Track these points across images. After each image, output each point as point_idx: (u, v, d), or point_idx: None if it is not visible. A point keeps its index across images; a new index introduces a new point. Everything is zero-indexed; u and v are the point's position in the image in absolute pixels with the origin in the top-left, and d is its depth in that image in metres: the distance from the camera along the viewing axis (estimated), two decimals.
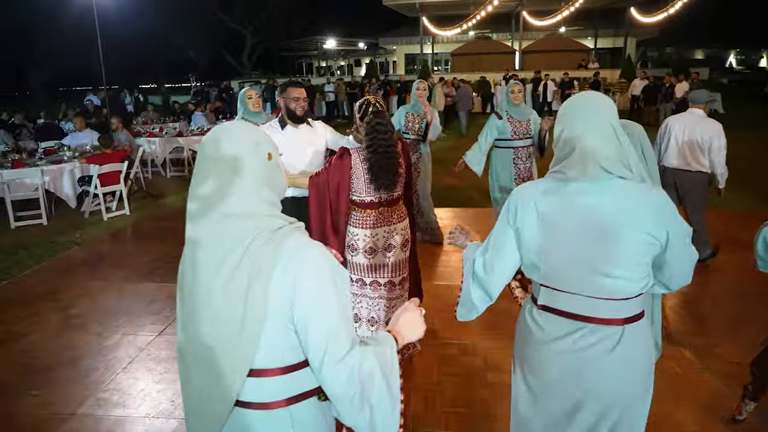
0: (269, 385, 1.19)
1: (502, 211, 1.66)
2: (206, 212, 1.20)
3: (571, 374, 1.58)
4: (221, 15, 32.16)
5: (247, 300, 1.13)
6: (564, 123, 1.55)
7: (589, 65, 24.64)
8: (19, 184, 6.85)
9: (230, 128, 1.27)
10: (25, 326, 4.05)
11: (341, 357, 1.14)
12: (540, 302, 1.63)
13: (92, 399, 3.10)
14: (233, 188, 1.20)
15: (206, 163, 1.23)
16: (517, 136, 4.92)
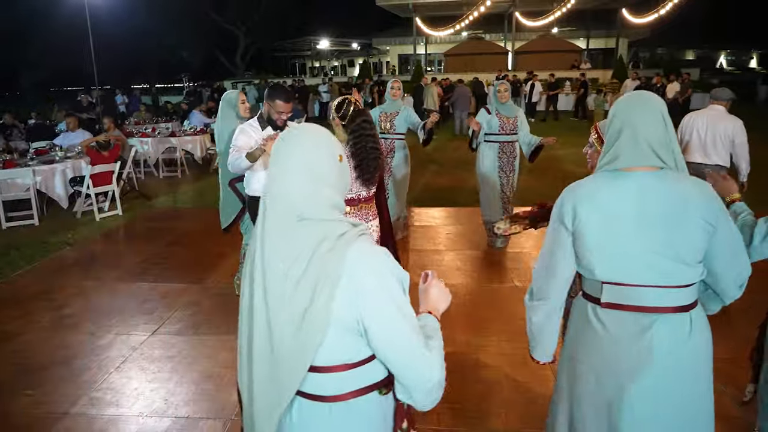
0: (332, 381, 1.24)
1: (553, 215, 1.68)
2: (281, 213, 1.23)
3: (651, 366, 1.55)
4: (214, 15, 32.05)
5: (310, 309, 1.17)
6: (612, 115, 1.62)
7: (581, 66, 24.78)
8: (11, 184, 6.80)
9: (305, 131, 1.29)
10: (18, 326, 4.04)
11: (419, 359, 1.19)
12: (604, 300, 1.60)
13: (85, 398, 3.10)
14: (309, 191, 1.23)
15: (282, 165, 1.25)
16: (504, 131, 5.20)
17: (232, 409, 2.94)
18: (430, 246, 5.52)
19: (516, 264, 5.01)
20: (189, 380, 3.24)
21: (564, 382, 1.77)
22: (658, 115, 1.55)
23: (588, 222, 1.58)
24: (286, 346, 1.20)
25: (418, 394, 1.23)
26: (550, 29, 29.75)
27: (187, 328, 3.92)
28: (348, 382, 1.24)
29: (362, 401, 1.26)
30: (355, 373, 1.24)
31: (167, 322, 4.03)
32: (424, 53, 30.58)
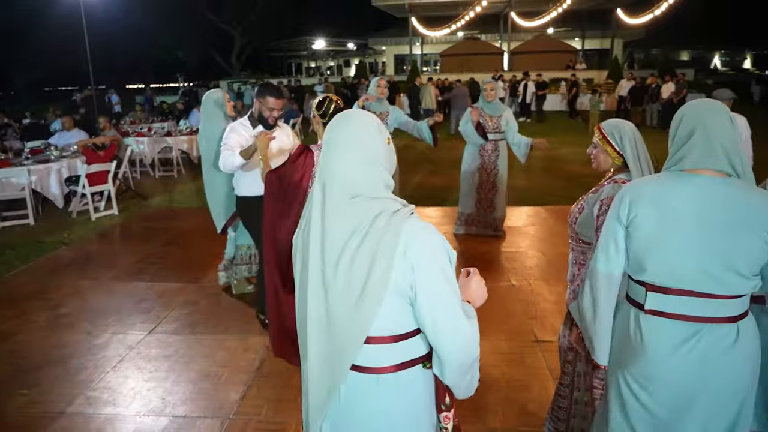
0: (381, 352, 1.31)
1: (611, 208, 1.68)
2: (336, 193, 1.30)
3: (690, 377, 1.55)
4: (210, 15, 31.98)
5: (369, 278, 1.24)
6: (679, 118, 1.63)
7: (576, 66, 24.86)
8: (5, 183, 6.77)
9: (355, 115, 1.38)
10: (13, 325, 4.02)
11: (460, 329, 1.27)
12: (648, 307, 1.59)
13: (82, 397, 3.08)
14: (363, 171, 1.31)
15: (336, 148, 1.33)
16: (487, 129, 5.33)
17: (230, 408, 2.94)
18: None
19: (512, 263, 5.02)
20: (186, 379, 3.24)
21: (613, 387, 1.74)
22: (729, 120, 1.55)
23: (644, 219, 1.57)
24: (345, 318, 1.27)
25: (452, 371, 1.30)
26: (546, 30, 29.85)
27: (184, 328, 3.91)
28: (395, 354, 1.31)
29: (408, 373, 1.33)
30: (402, 345, 1.31)
31: (164, 322, 4.01)
32: (420, 53, 30.62)
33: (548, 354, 3.39)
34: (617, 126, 2.15)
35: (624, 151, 2.09)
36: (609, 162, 2.17)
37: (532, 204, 6.98)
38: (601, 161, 2.20)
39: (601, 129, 2.18)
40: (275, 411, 2.90)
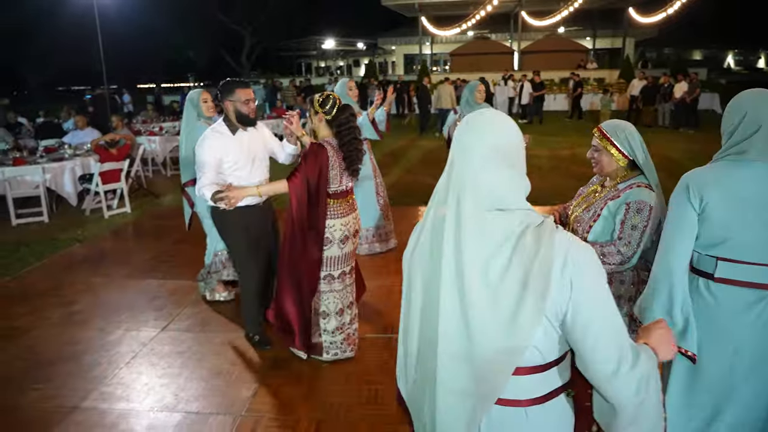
0: (530, 383, 1.16)
1: (677, 196, 1.82)
2: (474, 204, 1.14)
3: (756, 340, 1.76)
4: (221, 15, 32.14)
5: (523, 301, 1.08)
6: (743, 110, 1.75)
7: (587, 66, 24.70)
8: (20, 181, 6.85)
9: (493, 115, 1.21)
10: (28, 322, 4.06)
11: (633, 365, 1.10)
12: (718, 275, 1.79)
13: (96, 393, 3.11)
14: (508, 179, 1.16)
15: (473, 154, 1.16)
16: None
17: (242, 405, 2.95)
18: None
19: None
20: (198, 376, 3.25)
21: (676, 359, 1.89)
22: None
23: (716, 205, 1.74)
24: (491, 346, 1.11)
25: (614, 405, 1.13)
26: (557, 29, 29.68)
27: (196, 325, 3.93)
28: (543, 384, 1.17)
29: (555, 403, 1.20)
30: (549, 375, 1.17)
31: (176, 319, 4.04)
32: (430, 53, 30.57)
33: None
34: (620, 127, 2.11)
35: (634, 152, 2.07)
36: (613, 164, 2.12)
37: (543, 204, 6.95)
38: (604, 164, 2.14)
39: (602, 131, 2.14)
40: (286, 408, 2.91)
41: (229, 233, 3.40)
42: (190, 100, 4.11)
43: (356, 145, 3.02)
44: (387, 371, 3.21)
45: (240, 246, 3.40)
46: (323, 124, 3.02)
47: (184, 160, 4.09)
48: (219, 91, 3.29)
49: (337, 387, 3.07)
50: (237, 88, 3.24)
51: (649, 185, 2.07)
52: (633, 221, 2.02)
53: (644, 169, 2.08)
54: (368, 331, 3.71)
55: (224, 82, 3.31)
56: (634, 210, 2.02)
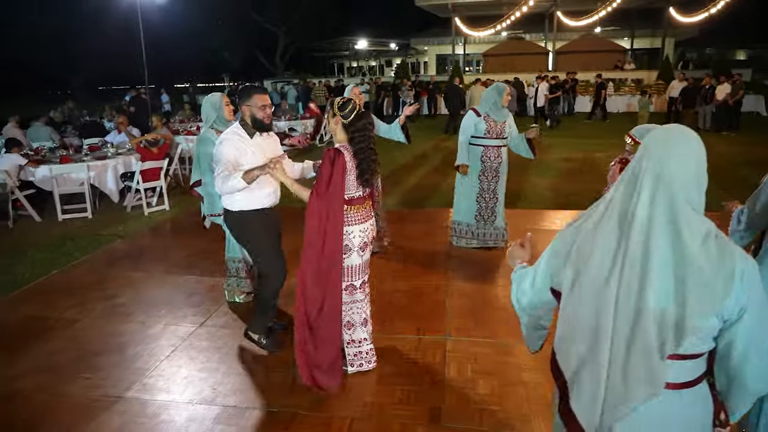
0: (687, 368, 1.34)
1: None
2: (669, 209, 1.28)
3: None
4: (256, 16, 32.70)
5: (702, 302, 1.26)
6: None
7: (624, 66, 24.17)
8: (66, 178, 7.15)
9: (688, 130, 1.36)
10: (74, 314, 4.24)
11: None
12: None
13: (138, 384, 3.24)
14: (698, 189, 1.31)
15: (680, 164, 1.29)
16: (490, 135, 5.07)
17: (278, 400, 3.02)
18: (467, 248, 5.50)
19: None
20: (236, 371, 3.35)
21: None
22: None
23: None
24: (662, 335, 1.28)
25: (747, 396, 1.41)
26: (593, 29, 29.12)
27: (233, 321, 4.04)
28: (694, 369, 1.35)
29: (702, 387, 1.39)
30: (699, 362, 1.36)
31: (214, 315, 4.16)
32: (463, 53, 30.39)
33: None
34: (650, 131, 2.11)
35: None
36: None
37: (579, 207, 6.86)
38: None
39: (633, 137, 2.13)
40: (320, 405, 2.97)
41: (251, 235, 3.42)
42: (212, 103, 4.07)
43: (369, 153, 2.95)
44: (418, 373, 3.25)
45: (264, 245, 3.43)
46: (339, 127, 2.97)
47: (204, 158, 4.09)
48: (237, 96, 3.36)
49: (369, 387, 3.12)
50: (255, 93, 3.28)
51: None
52: None
53: None
54: (399, 333, 3.75)
55: (243, 87, 3.40)
56: None
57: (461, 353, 3.46)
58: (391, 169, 9.78)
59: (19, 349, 3.70)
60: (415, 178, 9.19)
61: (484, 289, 4.47)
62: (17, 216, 7.03)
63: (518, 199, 7.42)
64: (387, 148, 11.46)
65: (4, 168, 6.87)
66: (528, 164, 9.98)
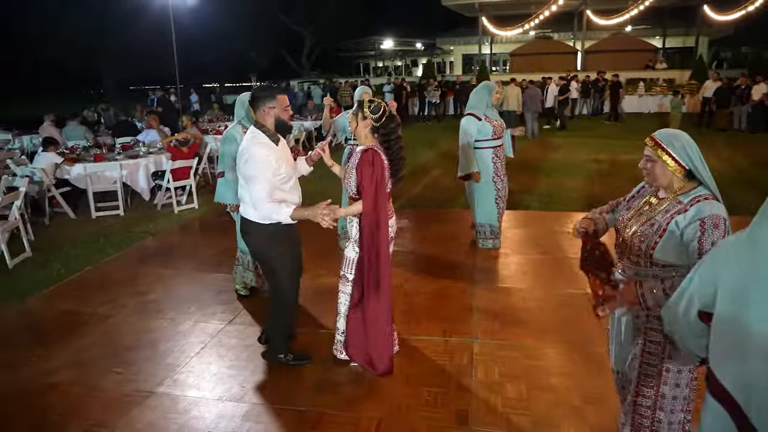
0: None
1: None
2: None
3: None
4: (283, 17, 33.03)
5: None
6: None
7: (656, 66, 23.66)
8: (100, 176, 7.33)
9: None
10: (107, 309, 4.35)
11: None
12: None
13: (169, 380, 3.30)
14: None
15: None
16: (496, 135, 5.11)
17: (305, 399, 3.04)
18: (494, 250, 5.45)
19: None
20: (264, 369, 3.38)
21: None
22: None
23: None
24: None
25: None
26: (624, 27, 28.57)
27: (261, 320, 4.08)
28: None
29: None
30: None
31: (242, 313, 4.21)
32: (490, 53, 30.17)
33: None
34: (676, 136, 2.03)
35: (692, 161, 1.99)
36: (668, 175, 2.03)
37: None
38: (658, 174, 2.05)
39: (656, 139, 2.06)
40: (348, 405, 2.98)
41: (279, 251, 3.15)
42: (242, 102, 4.14)
43: (400, 152, 3.12)
44: (445, 375, 3.23)
45: (287, 264, 3.21)
46: (368, 130, 3.03)
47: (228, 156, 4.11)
48: (256, 97, 3.04)
49: (397, 388, 3.12)
50: (278, 93, 3.05)
51: (714, 196, 1.99)
52: (712, 238, 1.92)
53: (705, 179, 1.99)
54: (425, 335, 3.73)
55: (263, 87, 3.10)
56: (711, 226, 1.92)
57: (488, 356, 3.43)
58: (415, 168, 9.77)
59: (55, 343, 3.80)
60: (441, 177, 9.15)
61: (511, 292, 4.43)
62: (53, 213, 7.24)
63: (551, 201, 7.34)
64: (412, 147, 11.46)
65: (41, 166, 7.08)
66: (558, 166, 9.87)
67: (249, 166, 2.93)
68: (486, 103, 5.07)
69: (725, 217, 1.93)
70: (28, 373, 3.41)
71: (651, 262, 2.06)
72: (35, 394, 3.19)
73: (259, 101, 3.02)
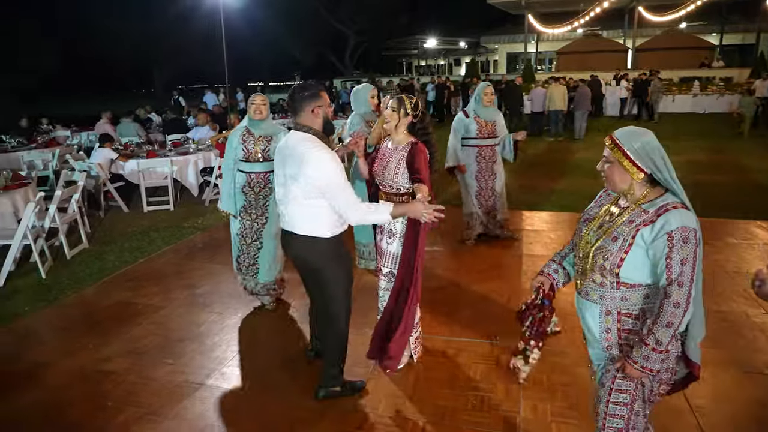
0: None
1: None
2: None
3: None
4: (328, 16, 33.38)
5: None
6: None
7: (712, 64, 22.66)
8: (152, 172, 7.56)
9: None
10: (159, 301, 4.48)
11: None
12: None
13: (217, 373, 3.37)
14: None
15: None
16: (481, 135, 5.16)
17: (351, 400, 3.03)
18: (542, 251, 5.33)
19: None
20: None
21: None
22: None
23: None
24: None
25: None
26: (678, 24, 27.48)
27: (305, 317, 4.09)
28: None
29: None
30: None
31: (287, 308, 4.26)
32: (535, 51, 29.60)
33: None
34: (636, 134, 1.80)
35: (653, 165, 1.77)
36: (627, 180, 1.81)
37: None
38: (616, 179, 1.83)
39: (614, 138, 1.84)
40: (393, 407, 2.96)
41: (341, 269, 2.83)
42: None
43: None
44: (491, 380, 3.17)
45: (346, 283, 2.88)
46: (406, 126, 3.09)
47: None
48: (300, 97, 2.63)
49: (442, 391, 3.08)
50: (322, 90, 2.69)
51: (683, 204, 1.77)
52: (682, 254, 1.71)
53: (670, 185, 1.78)
54: (472, 337, 3.68)
55: (306, 85, 2.67)
56: (680, 240, 1.70)
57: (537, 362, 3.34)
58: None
59: (111, 332, 3.94)
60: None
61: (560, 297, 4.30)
62: (108, 206, 7.54)
63: None
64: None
65: (98, 161, 7.38)
66: None
67: (325, 174, 2.54)
68: (478, 102, 5.20)
69: (696, 228, 1.73)
70: (84, 361, 3.55)
71: (618, 282, 1.84)
72: (91, 381, 3.31)
73: (304, 101, 2.62)
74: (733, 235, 5.65)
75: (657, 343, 1.75)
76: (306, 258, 2.76)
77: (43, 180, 7.92)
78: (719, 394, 3.00)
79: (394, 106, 3.05)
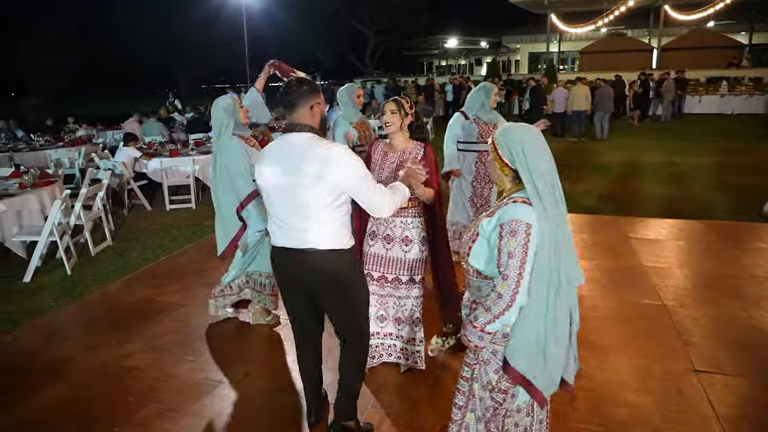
0: None
1: None
2: None
3: None
4: (348, 17, 33.49)
5: None
6: None
7: (740, 64, 22.13)
8: (174, 171, 7.67)
9: None
10: (180, 298, 4.53)
11: None
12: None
13: (236, 371, 3.38)
14: None
15: None
16: (483, 139, 4.65)
17: (368, 399, 3.02)
18: None
19: (665, 280, 4.59)
20: (329, 367, 3.38)
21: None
22: None
23: None
24: None
25: None
26: (705, 23, 26.91)
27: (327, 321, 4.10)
28: None
29: None
30: None
31: None
32: (558, 51, 29.27)
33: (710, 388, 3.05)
34: (507, 132, 1.84)
35: (514, 161, 1.80)
36: (499, 176, 1.91)
37: (683, 217, 6.35)
38: (494, 175, 1.95)
39: (493, 137, 1.90)
40: (410, 408, 2.95)
41: (363, 278, 2.69)
42: (224, 109, 3.61)
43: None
44: None
45: (366, 296, 2.65)
46: (406, 127, 3.05)
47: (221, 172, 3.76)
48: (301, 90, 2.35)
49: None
50: (318, 87, 2.47)
51: (526, 200, 1.76)
52: (508, 247, 1.72)
53: (530, 181, 1.75)
54: None
55: (303, 80, 2.43)
56: (508, 233, 1.72)
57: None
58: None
59: (133, 328, 4.00)
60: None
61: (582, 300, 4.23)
62: (131, 204, 7.66)
63: (623, 205, 7.03)
64: None
65: (123, 160, 7.51)
66: (628, 168, 9.41)
67: (352, 169, 2.29)
68: (481, 103, 4.72)
69: (528, 222, 1.71)
70: (107, 356, 3.60)
71: (476, 270, 1.90)
72: (113, 377, 3.36)
73: (302, 96, 2.34)
74: (762, 240, 5.49)
75: (474, 318, 1.82)
76: (337, 273, 2.42)
77: (69, 177, 8.08)
78: (746, 402, 2.91)
79: (394, 108, 2.97)
